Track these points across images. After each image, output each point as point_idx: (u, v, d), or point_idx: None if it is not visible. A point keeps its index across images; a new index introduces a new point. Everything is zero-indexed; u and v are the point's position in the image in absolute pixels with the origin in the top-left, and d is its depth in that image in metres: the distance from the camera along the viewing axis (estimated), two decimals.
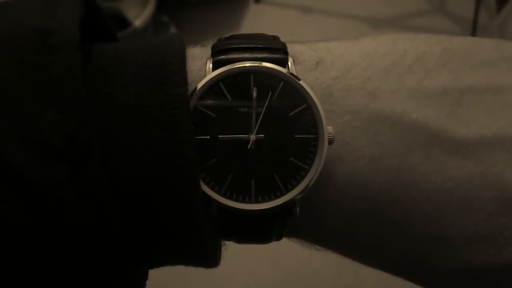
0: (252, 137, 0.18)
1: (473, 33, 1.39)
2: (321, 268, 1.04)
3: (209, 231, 0.18)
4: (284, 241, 0.21)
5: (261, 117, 0.18)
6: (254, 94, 0.18)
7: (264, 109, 0.18)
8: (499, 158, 0.18)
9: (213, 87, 0.18)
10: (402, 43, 0.20)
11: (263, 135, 0.18)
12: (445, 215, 0.18)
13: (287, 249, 1.02)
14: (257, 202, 0.18)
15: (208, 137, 0.18)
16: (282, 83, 0.18)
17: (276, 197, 0.18)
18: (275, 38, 0.20)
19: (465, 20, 1.49)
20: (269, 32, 0.21)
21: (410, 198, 0.18)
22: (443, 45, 0.20)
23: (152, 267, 0.19)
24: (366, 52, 0.20)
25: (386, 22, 1.53)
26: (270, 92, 0.18)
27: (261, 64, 0.18)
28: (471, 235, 0.18)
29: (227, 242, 0.21)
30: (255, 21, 1.51)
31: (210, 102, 0.18)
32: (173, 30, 1.44)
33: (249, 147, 0.18)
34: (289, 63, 0.18)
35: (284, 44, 0.19)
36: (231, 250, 0.22)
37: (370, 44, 0.20)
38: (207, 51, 0.19)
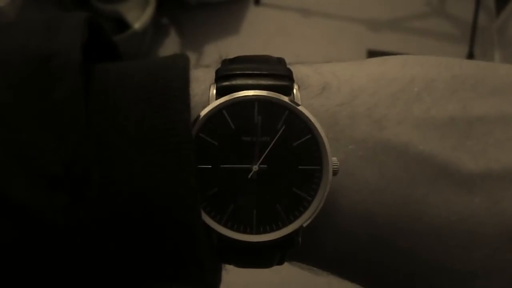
0: (255, 167, 0.17)
1: (473, 35, 1.39)
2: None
3: (209, 259, 0.17)
4: None
5: (264, 147, 0.17)
6: (258, 123, 0.18)
7: (267, 139, 0.17)
8: (506, 193, 0.17)
9: (216, 115, 0.17)
10: (410, 68, 0.19)
11: (266, 166, 0.17)
12: (450, 249, 0.17)
13: None
14: (258, 233, 0.17)
15: (210, 166, 0.17)
16: (286, 112, 0.18)
17: (278, 228, 0.18)
18: (280, 61, 0.19)
19: (464, 22, 1.49)
20: (269, 34, 0.20)
21: (415, 231, 0.18)
22: (452, 71, 0.19)
23: None
24: (373, 77, 0.19)
25: (385, 24, 1.53)
26: (274, 122, 0.18)
27: (266, 93, 0.18)
28: (476, 270, 0.17)
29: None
30: (255, 24, 1.51)
31: (213, 130, 0.17)
32: (173, 32, 1.45)
33: (251, 177, 0.17)
34: (294, 90, 0.18)
35: (289, 70, 0.19)
36: None
37: (378, 68, 0.20)
38: (211, 73, 0.19)
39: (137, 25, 1.24)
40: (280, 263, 0.19)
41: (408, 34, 1.51)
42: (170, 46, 1.41)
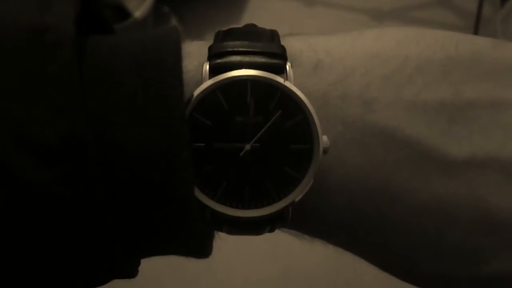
0: (248, 146, 0.18)
1: (477, 26, 1.38)
2: (320, 262, 1.04)
3: (201, 230, 0.18)
4: (283, 235, 0.21)
5: (257, 126, 0.18)
6: (251, 102, 0.18)
7: (260, 118, 0.18)
8: (486, 180, 0.18)
9: (209, 95, 0.18)
10: (405, 47, 0.19)
11: (258, 145, 0.18)
12: (425, 229, 0.18)
13: (286, 243, 1.03)
14: (250, 208, 0.18)
15: (204, 144, 0.17)
16: (279, 92, 0.18)
17: (269, 204, 0.18)
18: (274, 36, 0.19)
19: (468, 13, 1.48)
20: (271, 24, 0.20)
21: (393, 210, 0.18)
22: (448, 51, 0.19)
23: (143, 257, 0.20)
24: (367, 55, 0.19)
25: (389, 14, 1.52)
26: (267, 102, 0.18)
27: (259, 73, 0.18)
28: (447, 249, 0.19)
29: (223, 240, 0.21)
30: (256, 13, 1.49)
31: (206, 110, 0.18)
32: (174, 21, 1.43)
33: (244, 156, 0.18)
34: (287, 68, 0.18)
35: (282, 47, 0.19)
36: (230, 244, 0.22)
37: (372, 45, 0.19)
38: (204, 49, 0.19)
39: (137, 13, 1.23)
40: (270, 232, 0.20)
41: (411, 24, 1.50)
42: None
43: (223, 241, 0.21)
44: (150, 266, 0.21)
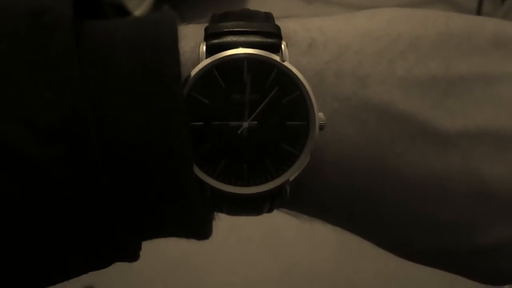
0: (245, 124, 0.18)
1: None
2: (321, 260, 1.05)
3: (201, 209, 0.18)
4: (284, 234, 0.22)
5: (254, 104, 0.18)
6: (248, 81, 0.18)
7: (257, 96, 0.18)
8: (479, 151, 0.18)
9: (206, 74, 0.18)
10: (397, 24, 0.20)
11: (256, 122, 0.18)
12: (421, 202, 0.19)
13: (287, 241, 1.03)
14: (249, 185, 0.18)
15: (202, 123, 0.18)
16: (275, 70, 0.18)
17: (267, 180, 0.18)
18: (268, 17, 0.20)
19: (469, 9, 1.48)
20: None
21: (389, 185, 0.19)
22: (439, 27, 0.19)
23: (145, 239, 0.20)
24: (360, 33, 0.19)
25: None
26: (264, 79, 0.18)
27: (255, 51, 0.18)
28: (444, 222, 0.19)
29: (225, 233, 0.21)
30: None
31: (203, 88, 0.18)
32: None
33: (242, 133, 0.18)
34: (283, 47, 0.18)
35: (277, 27, 0.19)
36: (231, 241, 0.22)
37: (365, 23, 0.20)
38: (200, 31, 0.19)
39: (137, 12, 1.24)
40: (269, 211, 0.20)
41: None
42: None
43: (224, 241, 0.22)
44: (152, 264, 0.21)
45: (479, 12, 1.37)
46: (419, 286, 1.01)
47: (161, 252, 0.93)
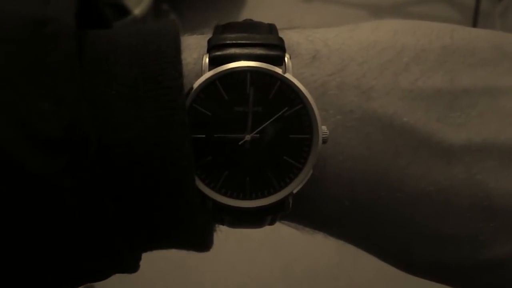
0: (248, 137, 0.18)
1: (475, 20, 1.38)
2: (321, 256, 1.05)
3: (202, 220, 0.18)
4: (284, 230, 0.21)
5: (256, 117, 0.18)
6: (251, 93, 0.18)
7: (260, 109, 0.18)
8: (484, 165, 0.18)
9: (209, 86, 0.18)
10: (401, 36, 0.19)
11: (258, 135, 0.18)
12: (425, 216, 0.18)
13: (287, 238, 1.03)
14: (251, 198, 0.18)
15: (204, 135, 0.18)
16: (278, 82, 0.18)
17: (270, 194, 0.18)
18: (272, 29, 0.20)
19: (466, 7, 1.48)
20: (270, 20, 0.20)
21: (393, 199, 0.18)
22: (443, 40, 0.19)
23: (145, 251, 0.20)
24: (364, 45, 0.19)
25: (387, 9, 1.51)
26: (266, 92, 0.18)
27: (258, 64, 0.18)
28: (447, 236, 0.18)
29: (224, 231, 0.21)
30: (256, 9, 1.49)
31: (206, 101, 0.18)
32: (173, 18, 1.43)
33: (244, 146, 0.18)
34: (286, 59, 0.18)
35: (281, 39, 0.19)
36: (231, 238, 0.22)
37: (369, 35, 0.20)
38: (203, 42, 0.19)
39: (137, 10, 1.23)
40: (271, 224, 0.20)
41: (410, 19, 1.50)
42: None
43: (225, 240, 0.21)
44: (152, 263, 0.21)
45: (477, 9, 1.37)
46: (419, 282, 1.01)
47: (161, 252, 0.92)
